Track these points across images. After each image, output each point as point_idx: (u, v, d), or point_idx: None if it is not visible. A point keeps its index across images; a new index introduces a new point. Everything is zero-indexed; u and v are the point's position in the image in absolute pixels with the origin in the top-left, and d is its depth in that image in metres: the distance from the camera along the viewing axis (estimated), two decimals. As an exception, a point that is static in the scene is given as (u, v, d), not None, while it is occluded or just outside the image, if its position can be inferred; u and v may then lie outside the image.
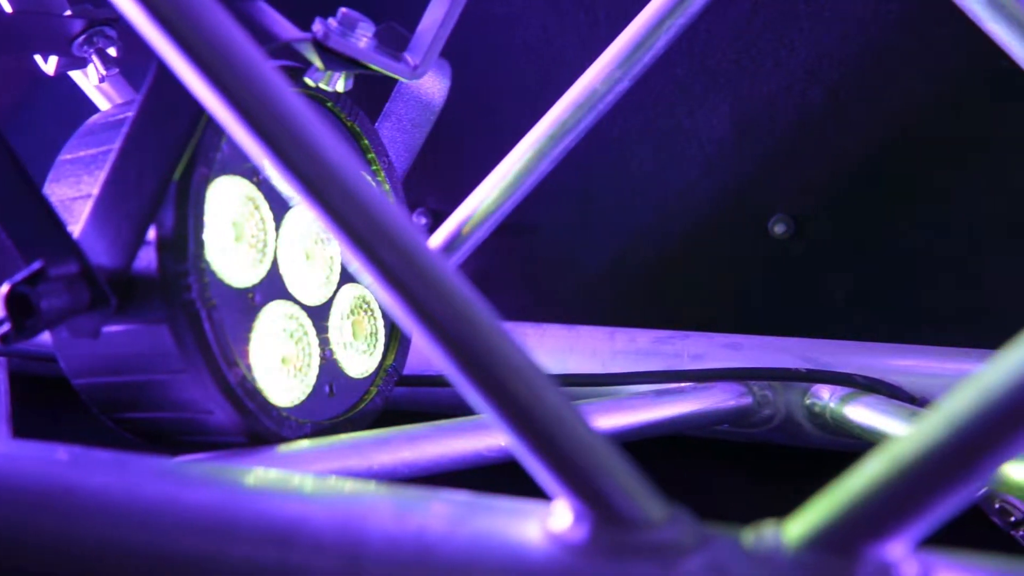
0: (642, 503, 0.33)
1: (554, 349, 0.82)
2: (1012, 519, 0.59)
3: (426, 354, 0.67)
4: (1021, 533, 0.60)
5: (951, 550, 0.31)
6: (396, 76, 0.56)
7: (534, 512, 0.34)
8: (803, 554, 0.30)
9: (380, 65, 0.55)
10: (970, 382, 0.29)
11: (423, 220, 0.94)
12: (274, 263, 0.57)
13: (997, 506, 0.60)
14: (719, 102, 0.83)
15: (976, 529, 0.65)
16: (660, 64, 0.80)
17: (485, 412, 0.34)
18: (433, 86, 0.71)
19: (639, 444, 0.69)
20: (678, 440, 0.77)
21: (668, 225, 0.85)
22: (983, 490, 0.61)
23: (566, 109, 0.76)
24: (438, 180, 0.93)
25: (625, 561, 0.32)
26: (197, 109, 0.47)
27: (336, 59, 0.53)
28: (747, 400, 0.72)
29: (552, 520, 0.34)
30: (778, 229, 0.81)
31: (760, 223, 0.82)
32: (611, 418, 0.68)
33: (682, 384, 0.72)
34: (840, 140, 0.80)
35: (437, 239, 0.80)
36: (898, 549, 0.30)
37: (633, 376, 0.74)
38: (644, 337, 0.79)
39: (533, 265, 0.91)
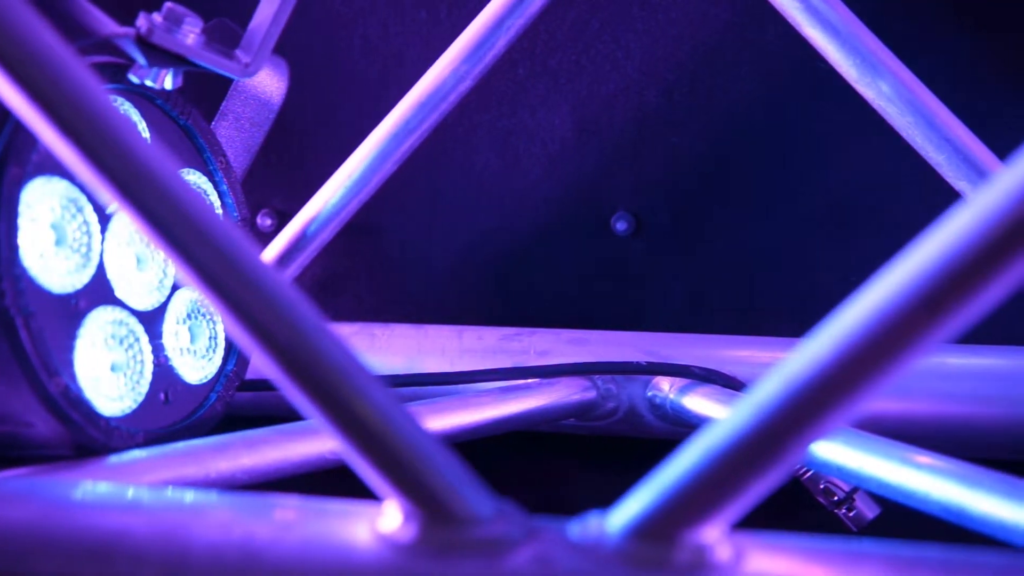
0: (470, 500, 0.33)
1: (403, 349, 0.82)
2: (835, 498, 0.63)
3: (249, 357, 0.66)
4: (843, 511, 0.63)
5: (764, 531, 0.33)
6: (226, 74, 0.55)
7: (364, 514, 0.34)
8: (624, 542, 0.31)
9: (209, 62, 0.53)
10: (775, 371, 0.30)
11: (268, 221, 0.92)
12: (100, 267, 0.55)
13: (822, 486, 0.63)
14: (560, 102, 0.84)
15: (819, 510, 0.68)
16: (502, 64, 0.81)
17: (311, 416, 0.34)
18: (270, 84, 0.69)
19: (487, 440, 0.70)
20: (526, 436, 0.78)
21: (513, 223, 0.86)
22: (809, 473, 0.64)
23: (409, 108, 0.75)
24: (282, 180, 0.91)
25: (453, 558, 0.32)
26: (3, 107, 0.44)
27: (161, 56, 0.51)
28: (591, 394, 0.74)
29: (381, 521, 0.34)
30: (620, 226, 0.83)
31: (603, 221, 0.84)
32: (458, 416, 0.68)
33: (529, 380, 0.73)
34: (676, 139, 0.83)
35: (282, 240, 0.79)
36: (713, 533, 0.31)
37: (481, 373, 0.74)
38: (492, 335, 0.80)
39: (380, 265, 0.90)
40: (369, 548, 0.33)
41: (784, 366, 0.30)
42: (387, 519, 0.33)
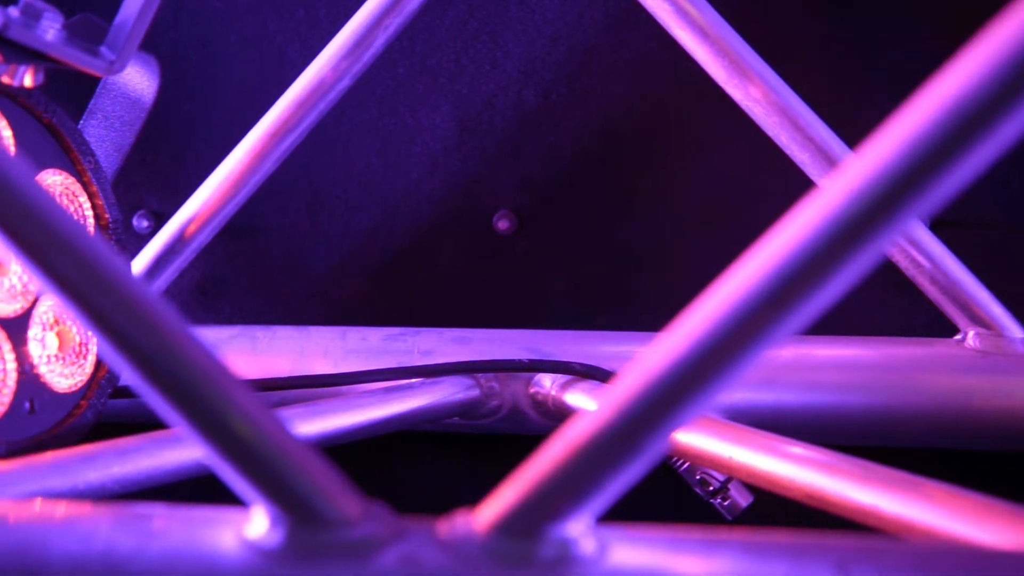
0: (337, 502, 0.33)
1: (286, 351, 0.81)
2: (711, 488, 0.64)
3: (109, 361, 0.64)
4: (718, 501, 0.65)
5: (628, 524, 0.34)
6: (89, 71, 0.53)
7: (231, 520, 0.34)
8: (491, 539, 0.32)
9: (70, 59, 0.52)
10: (633, 366, 0.31)
11: (144, 223, 0.89)
12: (-43, 273, 0.53)
13: (698, 477, 0.65)
14: (441, 101, 0.84)
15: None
16: (382, 63, 0.81)
17: (174, 422, 0.33)
18: (141, 82, 0.68)
19: (372, 441, 0.70)
20: (411, 436, 0.78)
21: (396, 223, 0.86)
22: (685, 464, 0.65)
23: (288, 107, 0.75)
24: (159, 180, 0.89)
25: (319, 561, 0.32)
26: None
27: (19, 52, 0.49)
28: (475, 392, 0.74)
29: (248, 527, 0.33)
30: (502, 225, 0.84)
31: (485, 219, 0.85)
32: (343, 417, 0.67)
33: (412, 380, 0.73)
34: (555, 138, 0.84)
35: (159, 242, 0.77)
36: (578, 527, 0.32)
37: (365, 374, 0.74)
38: (375, 335, 0.80)
39: (261, 266, 0.89)
40: (234, 555, 0.32)
41: (642, 360, 0.30)
42: (254, 525, 0.33)
